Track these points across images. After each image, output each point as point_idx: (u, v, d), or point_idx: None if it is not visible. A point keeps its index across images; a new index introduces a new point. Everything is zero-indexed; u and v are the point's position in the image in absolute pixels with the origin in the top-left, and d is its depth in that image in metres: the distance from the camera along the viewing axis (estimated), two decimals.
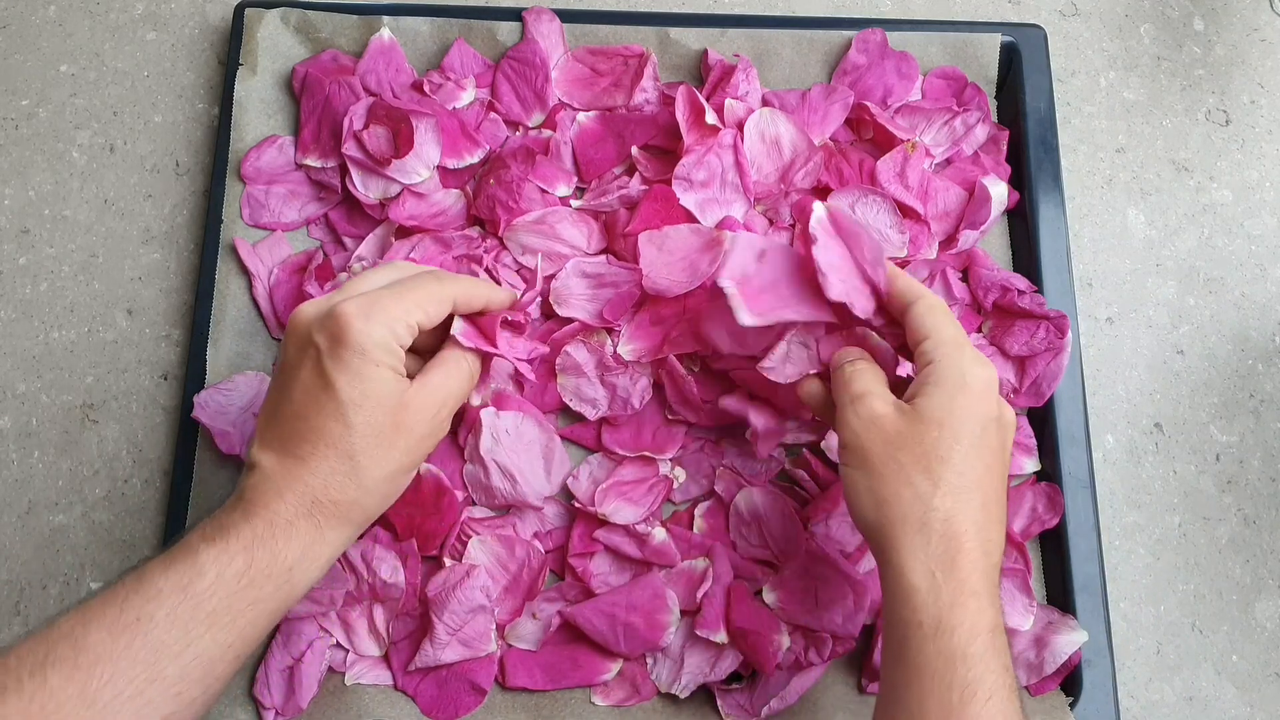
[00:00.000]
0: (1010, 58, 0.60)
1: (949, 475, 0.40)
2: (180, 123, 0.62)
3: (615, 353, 0.53)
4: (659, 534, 0.52)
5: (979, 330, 0.56)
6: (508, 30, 0.60)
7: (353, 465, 0.40)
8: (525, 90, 0.59)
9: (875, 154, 0.57)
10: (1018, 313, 0.54)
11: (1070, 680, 0.51)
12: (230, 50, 0.60)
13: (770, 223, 0.57)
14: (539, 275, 0.52)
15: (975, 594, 0.39)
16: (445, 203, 0.57)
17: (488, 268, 0.55)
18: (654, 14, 0.64)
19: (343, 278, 0.55)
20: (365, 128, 0.56)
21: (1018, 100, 0.59)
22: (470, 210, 0.57)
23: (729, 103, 0.56)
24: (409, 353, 0.43)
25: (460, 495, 0.53)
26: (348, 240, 0.57)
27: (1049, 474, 0.54)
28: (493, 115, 0.59)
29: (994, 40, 0.60)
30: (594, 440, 0.54)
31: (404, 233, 0.56)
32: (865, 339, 0.46)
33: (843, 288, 0.45)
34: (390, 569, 0.50)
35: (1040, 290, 0.55)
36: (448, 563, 0.51)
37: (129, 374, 0.58)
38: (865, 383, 0.43)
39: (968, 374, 0.41)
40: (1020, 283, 0.55)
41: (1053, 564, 0.53)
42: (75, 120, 0.62)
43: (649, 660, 0.51)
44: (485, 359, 0.47)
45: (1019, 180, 0.58)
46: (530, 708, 0.51)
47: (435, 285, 0.43)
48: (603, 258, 0.56)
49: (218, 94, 0.63)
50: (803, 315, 0.46)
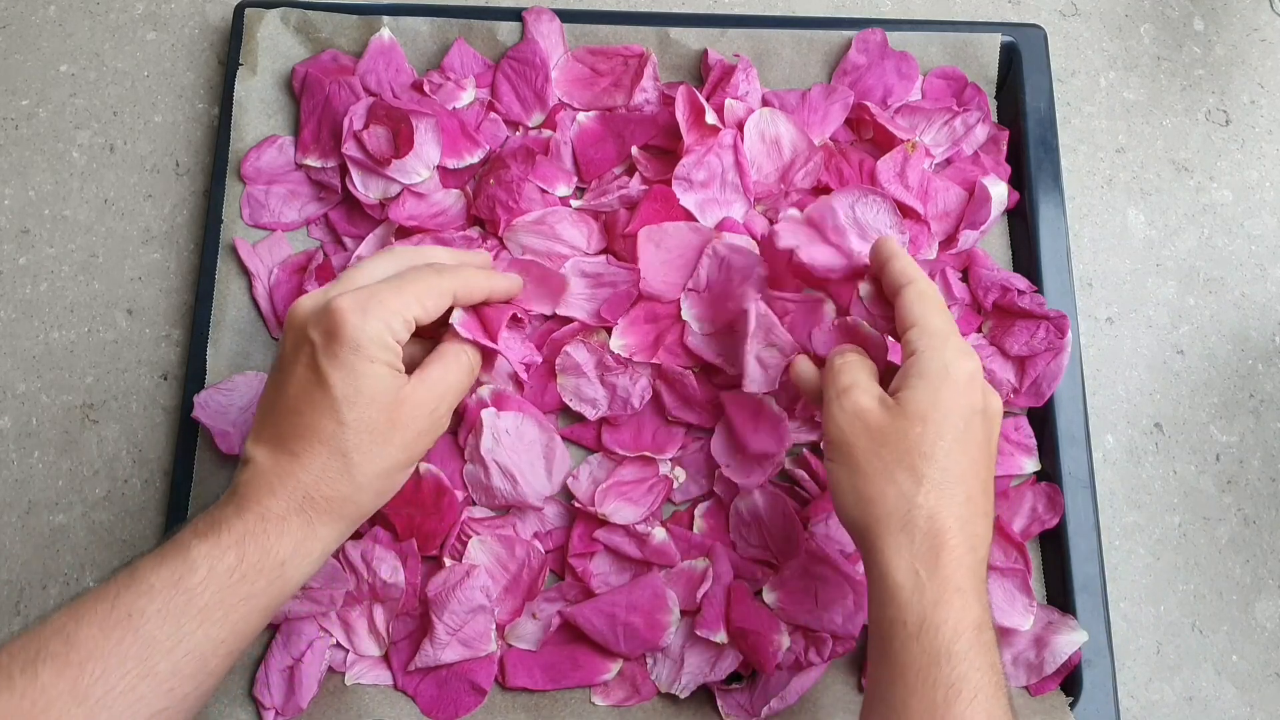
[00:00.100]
0: (1010, 58, 0.60)
1: (932, 472, 0.40)
2: (180, 123, 0.62)
3: (608, 348, 0.54)
4: (659, 534, 0.52)
5: (979, 330, 0.56)
6: (508, 30, 0.60)
7: (346, 462, 0.40)
8: (525, 90, 0.59)
9: (875, 154, 0.57)
10: (1018, 313, 0.54)
11: (1070, 680, 0.51)
12: (230, 50, 0.60)
13: (770, 222, 0.57)
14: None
15: (960, 591, 0.39)
16: (445, 203, 0.57)
17: None
18: (654, 14, 0.63)
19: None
20: (365, 128, 0.56)
21: (1018, 100, 0.59)
22: (470, 210, 0.57)
23: (729, 103, 0.56)
24: (413, 336, 0.43)
25: (460, 495, 0.53)
26: (348, 240, 0.57)
27: (1049, 474, 0.54)
28: (493, 115, 0.59)
29: (994, 40, 0.60)
30: (594, 440, 0.54)
31: (404, 233, 0.56)
32: (857, 328, 0.46)
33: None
34: (390, 569, 0.50)
35: (1040, 290, 0.55)
36: (448, 563, 0.51)
37: (129, 374, 0.58)
38: (852, 375, 0.43)
39: (951, 365, 0.41)
40: (1020, 283, 0.55)
41: (1053, 564, 0.53)
42: (75, 120, 0.62)
43: (649, 660, 0.51)
44: (486, 351, 0.47)
45: (1019, 180, 0.58)
46: (530, 708, 0.51)
47: (434, 279, 0.43)
48: (602, 258, 0.56)
49: (218, 94, 0.63)
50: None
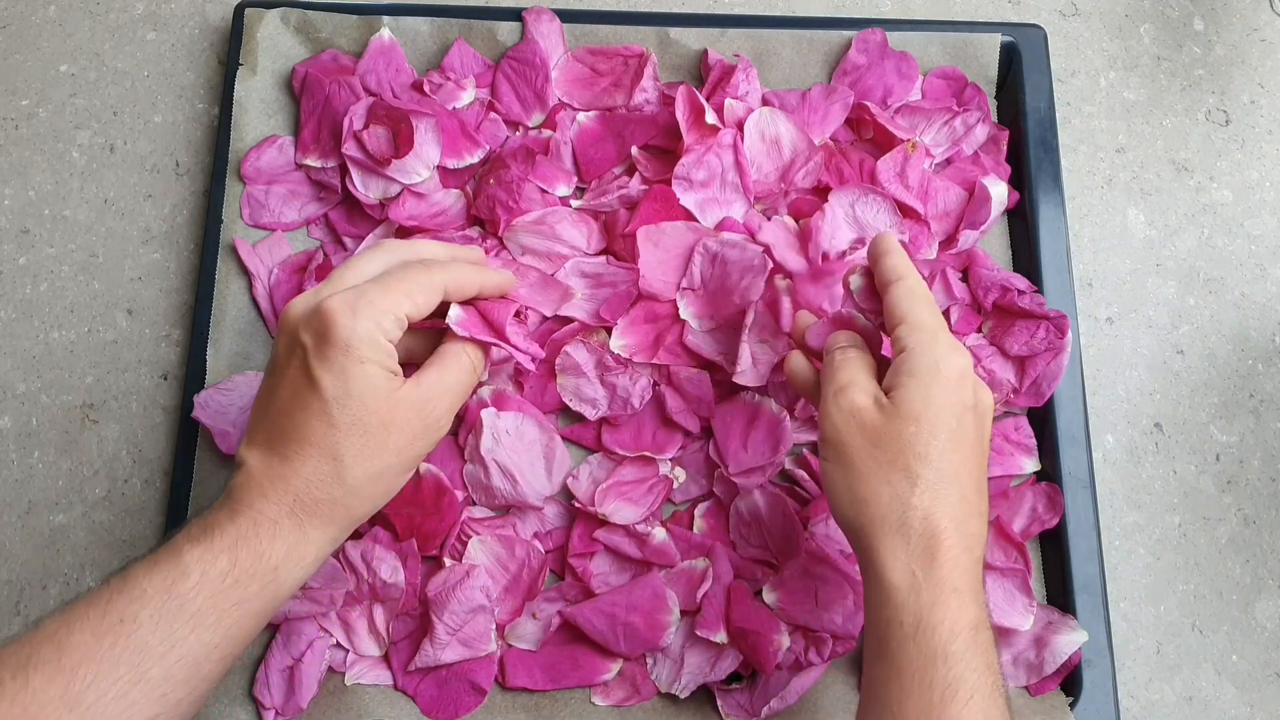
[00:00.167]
0: (1010, 58, 0.60)
1: (927, 472, 0.39)
2: (180, 123, 0.62)
3: (608, 348, 0.53)
4: (659, 534, 0.52)
5: (979, 330, 0.56)
6: (508, 30, 0.60)
7: (337, 465, 0.40)
8: (525, 90, 0.59)
9: (875, 154, 0.57)
10: (1018, 313, 0.54)
11: (1070, 680, 0.51)
12: (230, 50, 0.60)
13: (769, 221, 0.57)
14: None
15: (956, 591, 0.39)
16: (445, 203, 0.57)
17: None
18: (654, 14, 0.63)
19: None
20: (365, 128, 0.56)
21: (1018, 100, 0.59)
22: (470, 210, 0.57)
23: (729, 103, 0.56)
24: (418, 332, 0.42)
25: (460, 495, 0.52)
26: (348, 240, 0.57)
27: (1049, 474, 0.54)
28: (493, 115, 0.59)
29: (994, 40, 0.60)
30: (594, 440, 0.54)
31: (404, 233, 0.56)
32: (851, 320, 0.46)
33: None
34: (390, 569, 0.50)
35: (1040, 290, 0.55)
36: (448, 563, 0.51)
37: (129, 374, 0.58)
38: (850, 373, 0.42)
39: (941, 362, 0.40)
40: (1020, 283, 0.55)
41: (1053, 564, 0.53)
42: (75, 120, 0.62)
43: (649, 660, 0.51)
44: (488, 348, 0.46)
45: (1019, 180, 0.58)
46: (530, 708, 0.51)
47: (424, 274, 0.42)
48: (602, 258, 0.56)
49: (218, 94, 0.63)
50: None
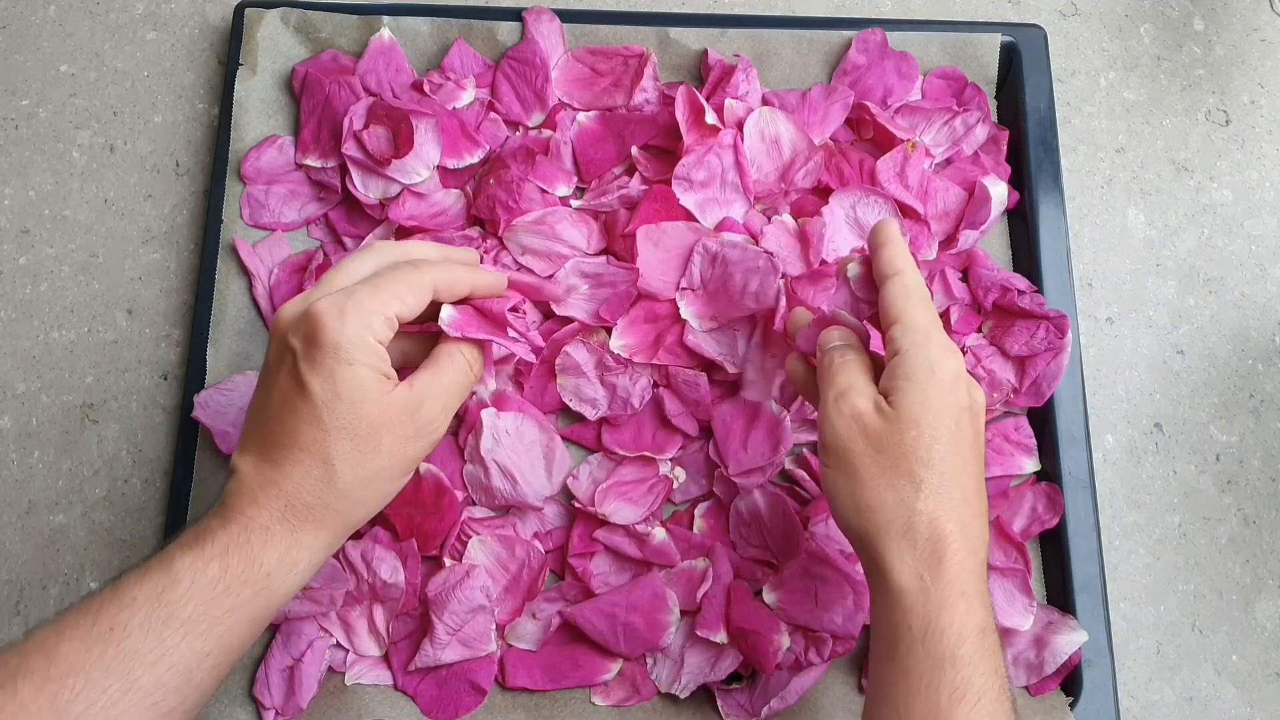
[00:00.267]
0: (1010, 58, 0.60)
1: (930, 477, 0.39)
2: (180, 123, 0.62)
3: (608, 348, 0.53)
4: (659, 534, 0.52)
5: (979, 330, 0.56)
6: (508, 30, 0.60)
7: (327, 469, 0.39)
8: (525, 90, 0.59)
9: (875, 154, 0.57)
10: (1018, 313, 0.54)
11: (1070, 680, 0.51)
12: (230, 50, 0.60)
13: (769, 221, 0.57)
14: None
15: (964, 595, 0.39)
16: (445, 203, 0.57)
17: None
18: (654, 14, 0.63)
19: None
20: (365, 128, 0.56)
21: (1018, 100, 0.59)
22: (470, 210, 0.57)
23: (729, 103, 0.56)
24: (415, 335, 0.42)
25: (460, 495, 0.52)
26: (348, 240, 0.57)
27: (1049, 474, 0.54)
28: (493, 115, 0.59)
29: (994, 40, 0.60)
30: (594, 440, 0.54)
31: (404, 233, 0.56)
32: (835, 318, 0.46)
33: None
34: (390, 569, 0.50)
35: (1040, 290, 0.55)
36: (448, 563, 0.51)
37: (129, 374, 0.58)
38: (849, 376, 0.42)
39: (936, 365, 0.40)
40: (1020, 283, 0.55)
41: (1053, 564, 0.53)
42: (75, 120, 0.62)
43: (649, 660, 0.51)
44: (485, 348, 0.46)
45: (1019, 180, 0.58)
46: (530, 708, 0.51)
47: (413, 274, 0.42)
48: (602, 258, 0.56)
49: (218, 94, 0.63)
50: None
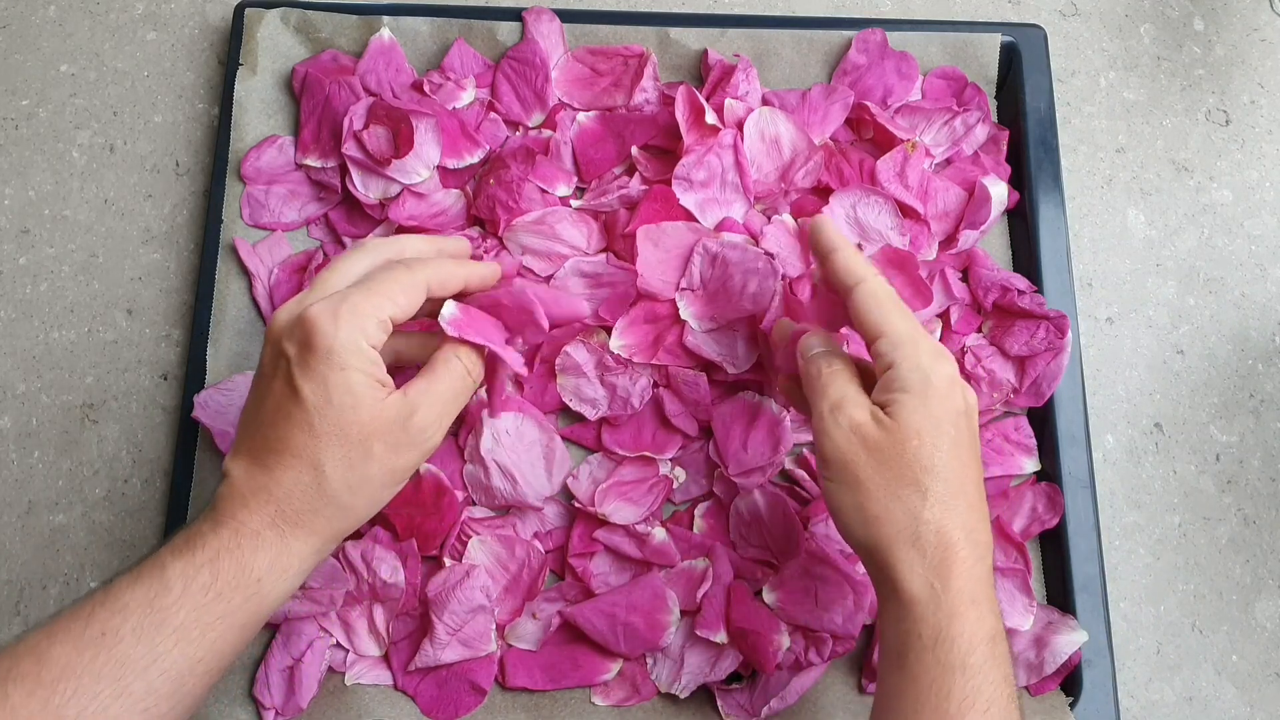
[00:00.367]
0: (1010, 58, 0.60)
1: (935, 485, 0.39)
2: (180, 123, 0.62)
3: (608, 348, 0.53)
4: (659, 534, 0.52)
5: (979, 330, 0.56)
6: (508, 30, 0.60)
7: (318, 475, 0.39)
8: (525, 90, 0.59)
9: (875, 154, 0.57)
10: (1018, 313, 0.54)
11: (1070, 680, 0.51)
12: (230, 50, 0.60)
13: (769, 221, 0.57)
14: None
15: (974, 603, 0.39)
16: (445, 203, 0.57)
17: None
18: (654, 14, 0.63)
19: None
20: (365, 128, 0.56)
21: (1018, 100, 0.59)
22: (470, 210, 0.57)
23: (729, 103, 0.56)
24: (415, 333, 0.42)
25: (460, 495, 0.53)
26: (348, 240, 0.57)
27: (1049, 474, 0.54)
28: (493, 115, 0.59)
29: (994, 40, 0.60)
30: (594, 440, 0.54)
31: (404, 233, 0.56)
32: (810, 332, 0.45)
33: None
34: (390, 569, 0.50)
35: (1040, 290, 0.55)
36: (448, 563, 0.51)
37: (129, 374, 0.58)
38: (840, 387, 0.42)
39: (930, 373, 0.40)
40: (1020, 283, 0.55)
41: (1053, 564, 0.53)
42: (75, 120, 0.62)
43: (649, 660, 0.51)
44: (486, 354, 0.45)
45: (1019, 180, 0.58)
46: (530, 708, 0.51)
47: (405, 275, 0.41)
48: (601, 257, 0.56)
49: (218, 94, 0.63)
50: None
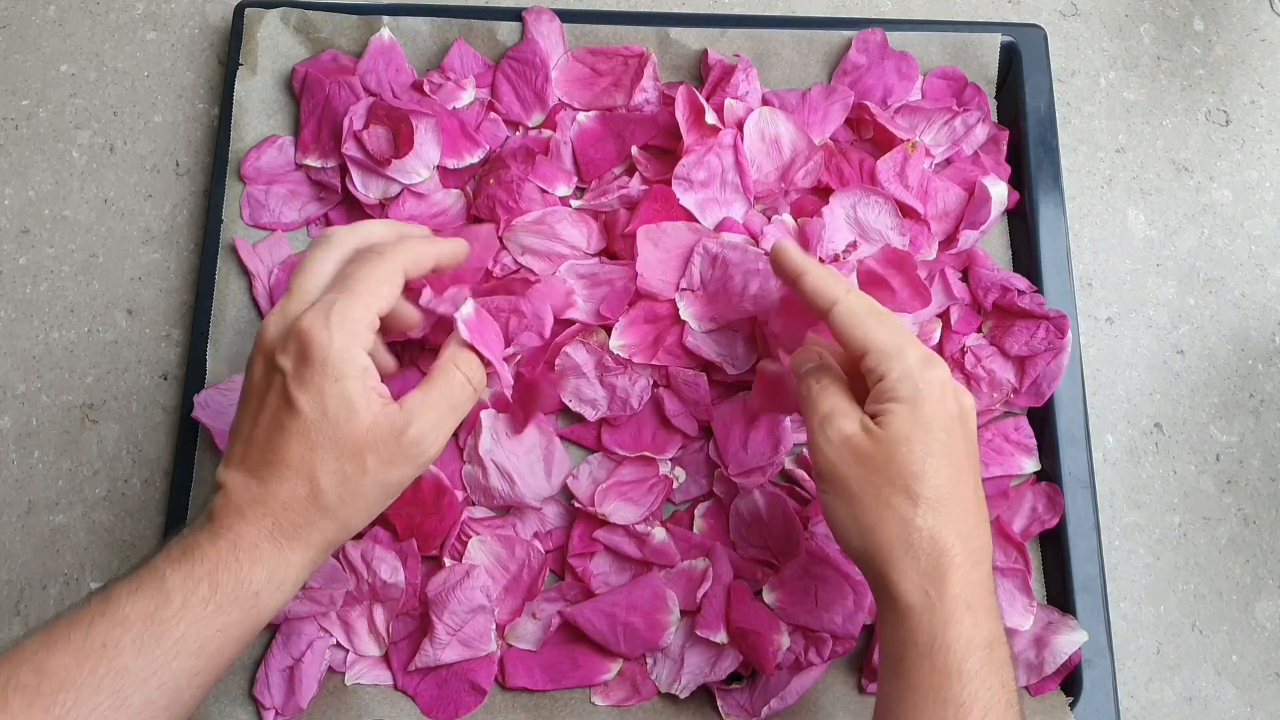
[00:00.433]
0: (1010, 58, 0.60)
1: (926, 491, 0.39)
2: (180, 123, 0.62)
3: (607, 348, 0.53)
4: (659, 534, 0.52)
5: (979, 330, 0.56)
6: (508, 30, 0.60)
7: (313, 488, 0.39)
8: (525, 90, 0.59)
9: (875, 154, 0.57)
10: (1018, 313, 0.54)
11: (1070, 680, 0.51)
12: (230, 50, 0.60)
13: (769, 221, 0.57)
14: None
15: (970, 608, 0.39)
16: (445, 203, 0.57)
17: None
18: (654, 14, 0.64)
19: None
20: (365, 128, 0.56)
21: (1018, 100, 0.59)
22: (470, 210, 0.57)
23: (729, 103, 0.56)
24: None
25: (460, 495, 0.53)
26: None
27: (1049, 474, 0.54)
28: (493, 115, 0.59)
29: (994, 40, 0.60)
30: (594, 440, 0.54)
31: None
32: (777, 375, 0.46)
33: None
34: (390, 569, 0.50)
35: (1040, 290, 0.55)
36: (448, 563, 0.51)
37: (129, 374, 0.58)
38: (830, 401, 0.42)
39: (921, 382, 0.40)
40: (1020, 283, 0.55)
41: (1053, 564, 0.53)
42: (75, 120, 0.62)
43: (649, 660, 0.51)
44: (489, 364, 0.45)
45: (1019, 180, 0.58)
46: (530, 708, 0.51)
47: (381, 265, 0.42)
48: (596, 259, 0.55)
49: (218, 94, 0.63)
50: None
